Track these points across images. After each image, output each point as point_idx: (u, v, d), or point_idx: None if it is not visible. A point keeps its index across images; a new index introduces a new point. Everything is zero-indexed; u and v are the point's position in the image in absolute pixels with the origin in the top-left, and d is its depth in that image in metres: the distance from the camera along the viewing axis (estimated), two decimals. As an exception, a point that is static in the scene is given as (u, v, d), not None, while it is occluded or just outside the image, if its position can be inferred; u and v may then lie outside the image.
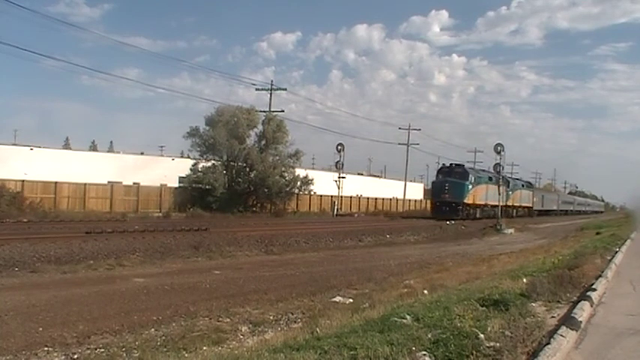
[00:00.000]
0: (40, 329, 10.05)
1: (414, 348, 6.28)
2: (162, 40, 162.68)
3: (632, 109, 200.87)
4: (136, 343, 9.47)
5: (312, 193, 56.39)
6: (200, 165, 48.18)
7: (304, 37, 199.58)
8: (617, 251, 21.16)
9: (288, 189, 52.24)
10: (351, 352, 6.07)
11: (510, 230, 45.16)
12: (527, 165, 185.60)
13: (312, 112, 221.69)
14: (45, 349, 9.06)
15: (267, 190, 50.16)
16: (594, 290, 11.19)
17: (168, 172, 48.24)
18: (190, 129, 48.95)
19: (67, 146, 70.97)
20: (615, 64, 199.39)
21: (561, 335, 7.28)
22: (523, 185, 78.52)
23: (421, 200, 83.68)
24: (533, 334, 7.38)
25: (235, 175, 49.53)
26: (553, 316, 8.96)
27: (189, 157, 51.11)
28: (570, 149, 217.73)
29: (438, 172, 59.98)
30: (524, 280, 11.98)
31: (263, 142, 51.88)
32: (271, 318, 11.69)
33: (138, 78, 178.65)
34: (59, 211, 35.04)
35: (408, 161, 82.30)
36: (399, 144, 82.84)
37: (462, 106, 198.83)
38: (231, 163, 49.67)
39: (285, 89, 61.09)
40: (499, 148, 52.44)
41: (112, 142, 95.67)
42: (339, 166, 58.03)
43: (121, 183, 43.33)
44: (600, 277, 13.35)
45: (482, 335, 6.85)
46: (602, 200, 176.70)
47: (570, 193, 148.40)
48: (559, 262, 15.21)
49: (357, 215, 57.86)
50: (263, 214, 48.99)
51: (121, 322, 10.76)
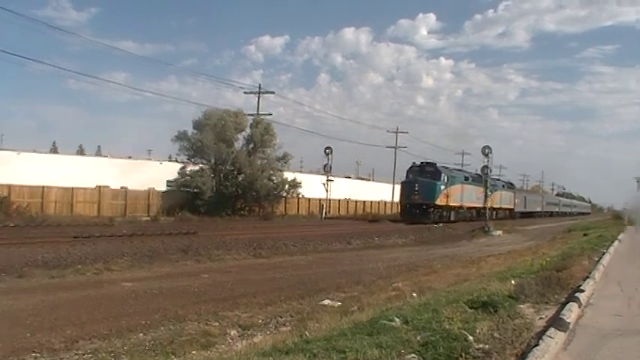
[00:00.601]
0: (28, 334, 9.99)
1: (403, 351, 6.30)
2: (149, 44, 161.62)
3: (620, 111, 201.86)
4: (125, 347, 9.44)
5: (301, 196, 56.23)
6: (188, 168, 47.95)
7: (292, 41, 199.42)
8: (604, 252, 21.29)
9: (276, 192, 52.07)
10: (341, 355, 6.08)
11: (498, 232, 45.28)
12: (515, 167, 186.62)
13: (300, 115, 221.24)
14: (32, 354, 9.01)
15: (255, 194, 50.00)
16: (582, 291, 11.25)
17: (156, 175, 47.90)
18: (178, 132, 48.73)
19: (54, 150, 70.51)
20: (602, 66, 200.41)
21: (550, 337, 7.31)
22: (504, 186, 75.08)
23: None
24: (521, 335, 7.42)
25: (223, 179, 49.34)
26: (541, 318, 9.01)
27: (177, 161, 50.88)
28: (558, 151, 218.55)
29: (407, 172, 55.43)
30: (512, 282, 12.03)
31: (251, 146, 51.71)
32: (260, 321, 11.69)
33: (125, 82, 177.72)
34: (47, 216, 34.77)
35: (396, 164, 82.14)
36: (387, 147, 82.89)
37: (450, 109, 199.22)
38: (219, 166, 49.48)
39: (273, 92, 61.11)
40: (487, 150, 52.51)
41: (99, 146, 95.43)
42: (327, 169, 57.90)
43: (109, 187, 43.08)
44: (588, 278, 13.44)
45: (471, 337, 6.88)
46: (590, 202, 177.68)
47: (558, 194, 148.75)
48: (547, 264, 15.29)
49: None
50: (251, 217, 48.81)
51: (110, 327, 10.72)
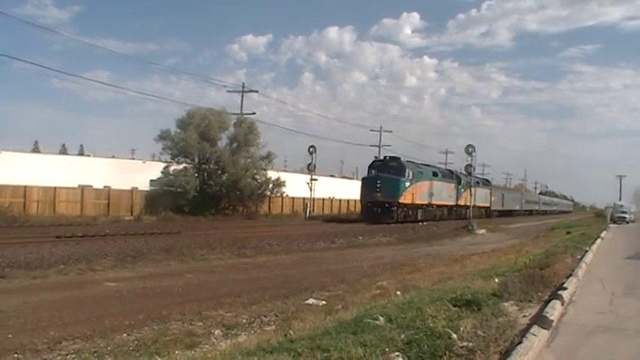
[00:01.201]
0: (10, 336, 9.91)
1: (387, 349, 6.31)
2: (132, 43, 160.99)
3: (600, 110, 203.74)
4: (108, 348, 9.40)
5: (285, 195, 56.20)
6: (171, 168, 47.71)
7: (275, 40, 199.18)
8: (587, 250, 21.47)
9: (260, 191, 51.99)
10: (325, 354, 6.08)
11: (482, 231, 45.51)
12: (498, 166, 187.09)
13: (284, 114, 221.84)
14: (15, 356, 8.95)
15: (239, 193, 49.90)
16: (565, 289, 11.33)
17: (139, 175, 47.71)
18: (161, 132, 48.42)
19: (36, 150, 69.91)
20: (583, 65, 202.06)
21: (533, 334, 7.36)
22: (478, 182, 70.28)
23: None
24: (505, 333, 7.45)
25: (207, 178, 49.21)
26: (525, 315, 9.06)
27: (160, 160, 50.52)
28: (540, 150, 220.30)
29: (369, 167, 52.04)
30: (496, 280, 12.10)
31: (235, 145, 51.57)
32: (244, 321, 11.68)
33: (108, 80, 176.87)
34: (29, 216, 34.50)
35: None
36: (370, 145, 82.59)
37: (434, 108, 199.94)
38: (203, 165, 49.35)
39: (257, 91, 60.93)
40: (470, 149, 52.79)
41: (82, 145, 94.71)
42: (311, 168, 57.81)
43: (92, 186, 42.82)
44: (571, 276, 13.55)
45: (454, 335, 6.90)
46: (572, 200, 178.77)
47: (541, 193, 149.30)
48: (530, 262, 15.39)
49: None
50: (235, 216, 48.69)
51: (93, 327, 10.65)
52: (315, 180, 57.36)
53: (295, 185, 56.98)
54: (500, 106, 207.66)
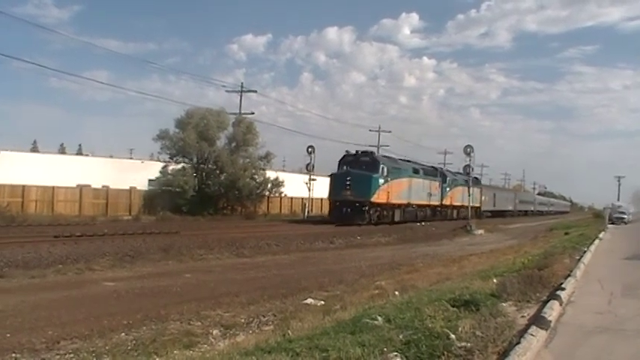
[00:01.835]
0: (8, 335, 9.89)
1: (385, 349, 6.30)
2: (132, 42, 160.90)
3: (599, 110, 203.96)
4: (106, 347, 9.37)
5: (283, 195, 56.27)
6: (170, 168, 47.77)
7: (275, 40, 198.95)
8: (585, 251, 21.48)
9: (258, 191, 52.10)
10: (323, 354, 6.08)
11: (480, 231, 45.52)
12: (497, 167, 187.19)
13: (283, 114, 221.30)
14: (13, 355, 8.92)
15: (237, 193, 49.96)
16: (563, 289, 11.33)
17: (137, 174, 47.72)
18: (160, 131, 48.52)
19: (35, 149, 69.86)
20: (583, 66, 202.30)
21: (531, 334, 7.36)
22: (466, 181, 61.80)
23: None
24: (503, 333, 7.45)
25: (205, 178, 49.26)
26: (523, 316, 9.06)
27: (158, 160, 50.62)
28: (539, 151, 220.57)
29: (339, 162, 46.92)
30: (494, 281, 12.10)
31: (233, 145, 51.62)
32: (243, 321, 11.66)
33: (107, 80, 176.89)
34: (27, 215, 34.51)
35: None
36: (369, 146, 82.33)
37: (432, 108, 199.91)
38: (202, 165, 49.40)
39: (256, 91, 60.87)
40: (469, 149, 52.84)
41: (80, 145, 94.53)
42: (309, 168, 57.75)
43: (90, 186, 42.83)
44: (569, 276, 13.54)
45: (453, 335, 6.90)
46: (570, 201, 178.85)
47: (539, 193, 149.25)
48: (529, 262, 15.39)
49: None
50: (234, 216, 48.74)
51: (91, 327, 10.63)
52: (314, 180, 57.26)
53: (294, 185, 57.02)
54: (500, 107, 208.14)
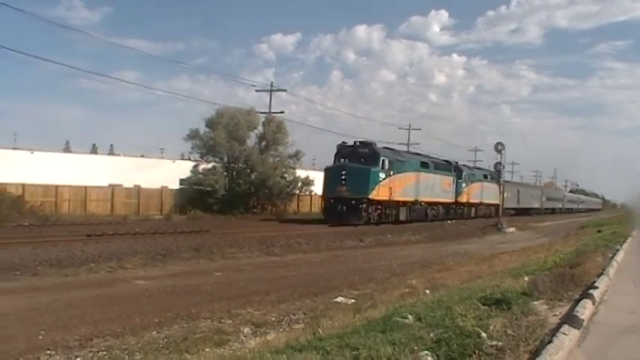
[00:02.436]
0: (42, 333, 10.03)
1: (416, 347, 6.27)
2: (161, 43, 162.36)
3: (631, 106, 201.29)
4: (138, 345, 9.46)
5: (313, 193, 56.27)
6: (200, 167, 48.08)
7: (304, 38, 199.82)
8: (618, 249, 21.19)
9: (289, 190, 52.12)
10: (354, 353, 6.06)
11: (511, 229, 45.18)
12: (527, 164, 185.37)
13: (312, 112, 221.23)
14: (47, 352, 9.05)
15: (267, 192, 50.07)
16: (596, 288, 11.18)
17: (168, 174, 48.08)
18: (190, 131, 48.84)
19: (67, 149, 70.74)
20: (614, 62, 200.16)
21: (563, 333, 7.27)
22: (486, 176, 60.35)
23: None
24: (535, 332, 7.38)
25: (236, 177, 49.44)
26: (555, 315, 8.96)
27: (189, 159, 50.98)
28: (571, 147, 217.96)
29: (335, 155, 41.89)
30: (525, 279, 11.98)
31: (263, 144, 51.75)
32: (273, 319, 11.68)
33: (137, 80, 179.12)
34: (60, 215, 35.03)
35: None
36: (399, 144, 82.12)
37: (462, 106, 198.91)
38: (232, 164, 49.61)
39: (285, 90, 60.85)
40: (500, 146, 52.02)
41: (112, 145, 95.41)
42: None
43: (122, 186, 43.30)
44: (602, 274, 13.34)
45: (484, 334, 6.85)
46: (603, 198, 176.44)
47: (571, 191, 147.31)
48: (560, 261, 15.23)
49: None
50: (264, 215, 48.86)
51: (123, 325, 10.74)
52: (345, 178, 57.16)
53: (324, 183, 56.95)
54: (530, 104, 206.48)
